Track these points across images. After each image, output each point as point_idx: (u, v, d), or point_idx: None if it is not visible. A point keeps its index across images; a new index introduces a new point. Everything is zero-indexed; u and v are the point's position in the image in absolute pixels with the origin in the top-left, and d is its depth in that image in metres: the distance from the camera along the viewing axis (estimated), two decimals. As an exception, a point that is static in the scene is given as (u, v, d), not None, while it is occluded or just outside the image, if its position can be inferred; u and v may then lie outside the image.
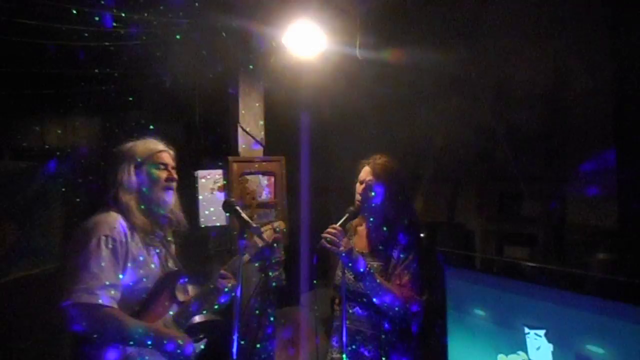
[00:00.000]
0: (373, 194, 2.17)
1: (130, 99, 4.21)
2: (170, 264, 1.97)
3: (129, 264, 1.76)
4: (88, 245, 1.69)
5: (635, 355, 1.54)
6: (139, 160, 1.89)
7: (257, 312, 2.87)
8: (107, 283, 1.67)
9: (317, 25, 3.06)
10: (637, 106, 2.42)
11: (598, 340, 1.64)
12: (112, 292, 1.68)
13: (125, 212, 1.81)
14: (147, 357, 1.76)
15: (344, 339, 2.01)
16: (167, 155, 1.97)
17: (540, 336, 1.83)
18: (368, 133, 3.87)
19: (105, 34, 3.29)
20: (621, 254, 2.59)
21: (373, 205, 2.18)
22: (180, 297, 1.93)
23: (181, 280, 1.96)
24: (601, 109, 2.65)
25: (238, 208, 1.87)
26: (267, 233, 2.08)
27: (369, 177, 2.20)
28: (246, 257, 1.99)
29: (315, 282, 2.28)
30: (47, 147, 4.62)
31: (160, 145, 1.97)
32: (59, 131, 4.73)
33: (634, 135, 2.46)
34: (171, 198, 1.94)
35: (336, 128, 4.25)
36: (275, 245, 2.23)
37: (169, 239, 2.02)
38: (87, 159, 4.27)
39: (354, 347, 2.14)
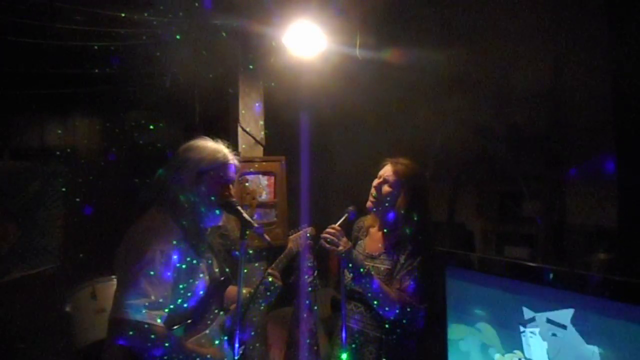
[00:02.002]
0: (389, 190, 2.15)
1: (130, 99, 4.21)
2: (218, 270, 1.92)
3: (182, 277, 1.71)
4: (143, 258, 1.62)
5: (635, 355, 1.54)
6: (203, 167, 1.78)
7: (253, 317, 2.87)
8: (156, 300, 1.62)
9: (317, 25, 3.06)
10: (637, 106, 2.42)
11: (597, 340, 1.64)
12: (160, 309, 1.63)
13: (178, 218, 1.74)
14: None
15: (344, 339, 2.01)
16: (233, 171, 1.87)
17: (534, 334, 1.83)
18: (368, 133, 3.87)
19: (105, 34, 3.29)
20: (621, 254, 2.59)
21: (386, 204, 2.15)
22: (227, 303, 1.92)
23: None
24: (601, 109, 2.65)
25: (239, 208, 1.87)
26: (298, 241, 2.14)
27: (389, 174, 2.17)
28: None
29: (315, 282, 2.28)
30: (47, 147, 4.61)
31: (229, 157, 1.85)
32: (59, 131, 4.73)
33: (634, 136, 2.46)
34: (222, 217, 1.87)
35: (336, 128, 4.25)
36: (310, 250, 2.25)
37: (217, 242, 1.98)
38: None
39: (354, 347, 2.14)
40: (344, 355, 1.97)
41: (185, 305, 1.74)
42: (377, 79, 3.37)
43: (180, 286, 1.71)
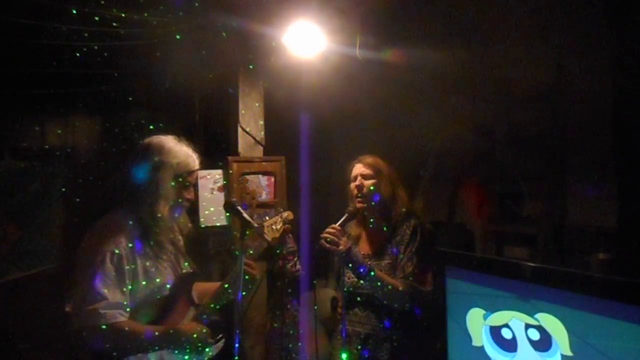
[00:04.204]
0: (371, 182, 2.21)
1: (130, 99, 4.21)
2: (183, 264, 1.95)
3: (140, 276, 1.73)
4: (94, 262, 1.65)
5: (635, 355, 1.54)
6: (178, 174, 1.84)
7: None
8: (114, 301, 1.64)
9: (317, 25, 3.06)
10: (637, 106, 2.42)
11: (597, 340, 1.64)
12: (120, 310, 1.65)
13: (150, 220, 1.77)
14: None
15: (344, 339, 2.01)
16: (195, 175, 1.94)
17: (534, 334, 1.83)
18: (368, 133, 3.87)
19: (106, 34, 3.29)
20: (621, 254, 2.59)
21: (373, 196, 2.20)
22: (196, 298, 1.92)
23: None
24: (601, 109, 2.65)
25: (239, 208, 1.87)
26: (278, 226, 2.09)
27: (363, 170, 2.24)
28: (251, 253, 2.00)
29: (315, 282, 2.28)
30: (47, 147, 4.61)
31: (196, 164, 1.92)
32: (59, 131, 4.72)
33: (634, 135, 2.46)
34: (180, 216, 1.93)
35: (336, 128, 4.25)
36: (287, 236, 2.25)
37: (179, 238, 2.00)
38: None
39: (359, 347, 2.15)
40: (344, 355, 1.97)
41: (149, 301, 1.76)
42: (377, 79, 3.37)
43: (143, 283, 1.74)
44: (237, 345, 1.74)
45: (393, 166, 2.32)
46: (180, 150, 1.87)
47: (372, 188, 2.20)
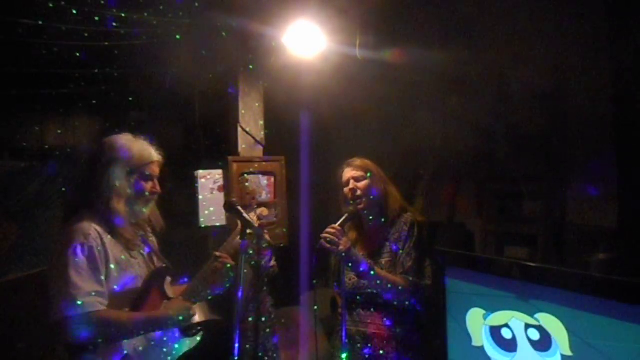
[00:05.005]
0: (365, 183, 2.23)
1: (130, 99, 4.21)
2: (157, 262, 1.98)
3: (112, 267, 1.75)
4: (64, 256, 1.67)
5: (635, 355, 1.54)
6: (133, 167, 1.85)
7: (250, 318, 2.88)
8: (89, 290, 1.66)
9: (317, 25, 3.06)
10: (637, 106, 2.42)
11: (597, 340, 1.64)
12: (97, 297, 1.67)
13: (110, 217, 1.79)
14: (143, 358, 1.77)
15: (344, 338, 2.01)
16: (157, 167, 1.94)
17: (534, 334, 1.83)
18: (368, 133, 3.87)
19: (106, 33, 3.29)
20: (621, 254, 2.59)
21: (371, 196, 2.23)
22: (170, 293, 1.94)
23: (182, 280, 1.97)
24: (601, 109, 2.65)
25: (240, 208, 1.88)
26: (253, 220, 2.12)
27: (354, 172, 2.27)
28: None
29: (315, 282, 2.29)
30: (47, 147, 4.61)
31: (154, 156, 1.93)
32: (59, 131, 4.73)
33: (634, 135, 2.46)
34: (148, 210, 1.93)
35: (336, 128, 4.25)
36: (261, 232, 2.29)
37: (150, 237, 2.02)
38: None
39: (358, 346, 2.16)
40: (344, 356, 1.97)
41: (123, 294, 1.78)
42: (377, 79, 3.37)
43: (116, 275, 1.76)
44: (237, 345, 1.74)
45: (385, 166, 2.36)
46: (132, 145, 1.89)
47: (366, 190, 2.23)
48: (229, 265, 1.93)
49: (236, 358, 1.74)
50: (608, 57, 2.58)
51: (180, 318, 1.82)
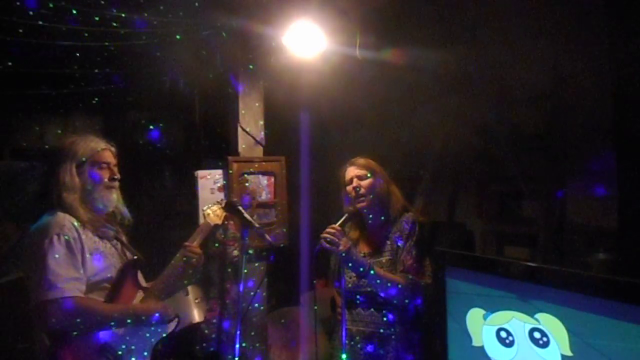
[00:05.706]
0: (368, 181, 2.25)
1: (130, 99, 4.21)
2: (128, 255, 2.02)
3: (88, 256, 1.80)
4: (42, 247, 1.71)
5: (635, 355, 1.54)
6: (81, 159, 1.90)
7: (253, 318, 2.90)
8: (69, 277, 1.70)
9: (317, 25, 3.06)
10: (637, 106, 2.42)
11: (597, 340, 1.64)
12: (76, 284, 1.71)
13: (70, 212, 1.83)
14: (123, 346, 1.79)
15: (344, 338, 2.01)
16: (109, 154, 1.98)
17: (534, 334, 1.83)
18: (368, 133, 3.87)
19: (106, 33, 3.29)
20: (621, 254, 2.59)
21: (373, 195, 2.24)
22: (144, 283, 1.97)
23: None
24: (601, 109, 2.65)
25: (240, 208, 1.90)
26: (219, 212, 2.21)
27: (357, 171, 2.28)
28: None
29: (315, 282, 2.29)
30: (47, 147, 4.61)
31: (101, 144, 1.97)
32: (59, 131, 4.72)
33: (634, 135, 2.46)
34: (114, 196, 1.97)
35: (336, 128, 4.25)
36: (228, 223, 2.44)
37: (120, 230, 2.06)
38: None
39: (358, 346, 2.16)
40: (344, 356, 1.98)
41: (98, 284, 1.82)
42: (377, 79, 3.37)
43: (90, 265, 1.80)
44: (237, 345, 1.74)
45: (385, 166, 2.37)
46: (77, 140, 1.95)
47: (370, 188, 2.24)
48: (196, 257, 1.99)
49: (236, 358, 1.74)
50: (608, 57, 2.58)
51: (157, 316, 1.86)
